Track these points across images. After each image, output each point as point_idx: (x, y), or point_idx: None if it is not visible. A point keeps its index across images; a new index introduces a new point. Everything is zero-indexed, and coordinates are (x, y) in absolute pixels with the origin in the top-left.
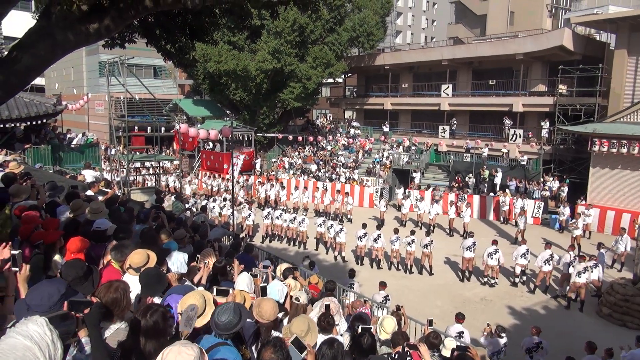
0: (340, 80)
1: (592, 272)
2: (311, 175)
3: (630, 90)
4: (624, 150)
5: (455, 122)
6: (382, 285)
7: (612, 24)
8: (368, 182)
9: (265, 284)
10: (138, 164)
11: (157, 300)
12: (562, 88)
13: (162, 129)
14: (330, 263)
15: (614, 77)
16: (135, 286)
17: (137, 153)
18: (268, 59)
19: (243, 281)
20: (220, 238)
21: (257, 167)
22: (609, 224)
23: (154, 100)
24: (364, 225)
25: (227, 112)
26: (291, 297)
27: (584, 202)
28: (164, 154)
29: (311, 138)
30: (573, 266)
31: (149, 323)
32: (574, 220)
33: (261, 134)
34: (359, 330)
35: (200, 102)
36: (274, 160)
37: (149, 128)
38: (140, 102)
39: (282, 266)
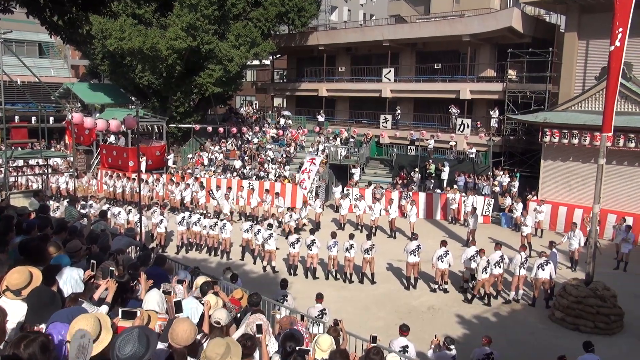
0: (268, 62)
1: (543, 270)
2: (235, 172)
3: (581, 76)
4: (575, 141)
5: (399, 110)
6: (319, 297)
7: (562, 4)
8: None
9: (180, 299)
10: (20, 162)
11: (42, 328)
12: (512, 73)
13: (51, 119)
14: (259, 274)
15: (564, 62)
16: (15, 312)
17: (19, 149)
18: (181, 36)
19: (153, 299)
20: (124, 249)
21: (170, 163)
22: (561, 220)
23: (39, 84)
24: (297, 230)
25: (133, 98)
26: (209, 316)
27: (535, 197)
28: (53, 149)
29: (234, 129)
30: (476, 262)
31: (24, 356)
32: (522, 217)
33: (174, 125)
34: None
35: (98, 87)
36: (190, 155)
37: (33, 118)
38: (22, 86)
39: (200, 280)
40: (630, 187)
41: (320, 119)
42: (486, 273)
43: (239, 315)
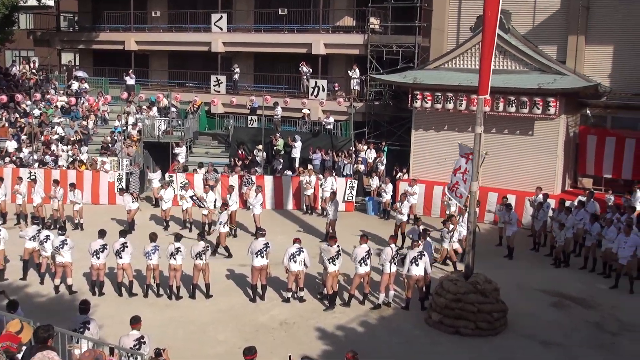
0: (51, 3)
1: (417, 264)
2: (8, 158)
3: (455, 26)
4: (450, 105)
5: (237, 69)
6: (135, 321)
7: None
8: (105, 166)
9: None
10: None
11: None
12: (374, 22)
13: None
14: (48, 297)
15: (435, 8)
16: None
17: None
18: None
19: None
20: None
21: None
22: (436, 203)
23: None
24: (102, 233)
25: None
26: None
27: (406, 176)
28: None
29: (4, 98)
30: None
31: None
32: (397, 204)
33: None
34: None
35: None
36: None
37: None
38: None
39: None
40: (512, 160)
41: (129, 81)
42: (335, 265)
43: (19, 355)
